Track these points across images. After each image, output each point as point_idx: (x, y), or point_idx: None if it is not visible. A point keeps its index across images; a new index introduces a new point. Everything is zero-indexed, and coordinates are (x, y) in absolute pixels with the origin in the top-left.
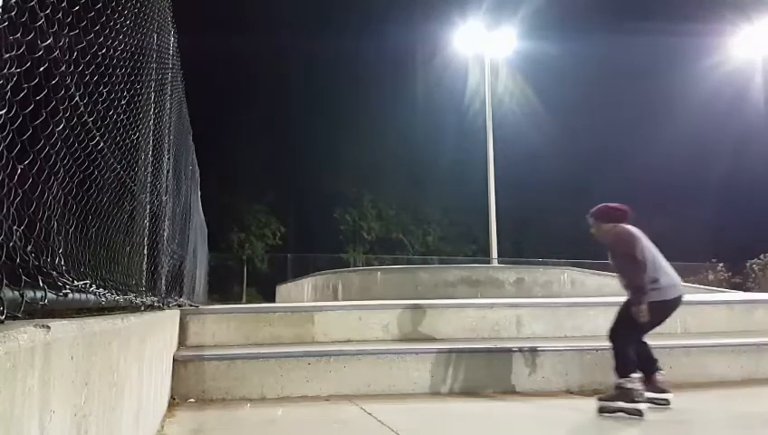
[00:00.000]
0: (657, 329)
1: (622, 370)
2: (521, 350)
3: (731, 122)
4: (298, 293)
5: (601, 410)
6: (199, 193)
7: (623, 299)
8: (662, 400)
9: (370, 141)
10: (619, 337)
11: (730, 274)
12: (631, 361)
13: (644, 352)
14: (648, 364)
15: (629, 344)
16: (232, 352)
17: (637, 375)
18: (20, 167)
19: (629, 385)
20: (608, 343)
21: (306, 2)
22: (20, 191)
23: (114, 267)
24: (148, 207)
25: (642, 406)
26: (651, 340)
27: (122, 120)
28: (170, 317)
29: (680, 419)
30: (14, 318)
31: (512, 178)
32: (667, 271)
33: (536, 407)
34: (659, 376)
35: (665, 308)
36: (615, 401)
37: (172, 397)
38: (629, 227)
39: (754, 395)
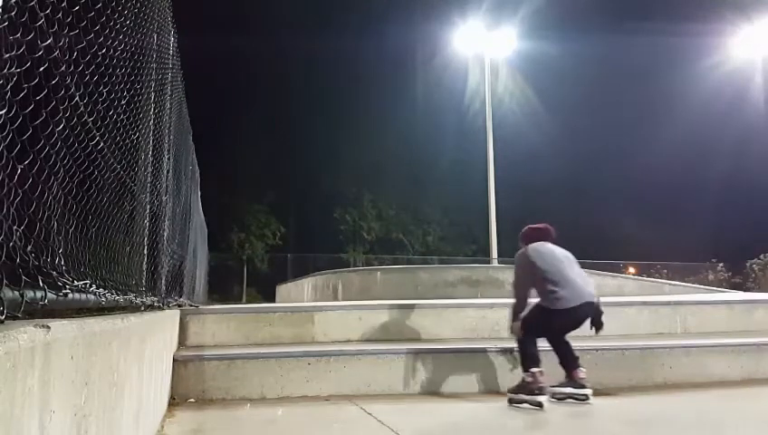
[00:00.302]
0: (660, 329)
1: (525, 365)
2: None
3: (731, 122)
4: (298, 293)
5: (510, 402)
6: (199, 193)
7: (621, 299)
8: (582, 395)
9: (370, 141)
10: (525, 335)
11: (730, 274)
12: (533, 357)
13: (567, 351)
14: (570, 362)
15: (533, 342)
16: (232, 352)
17: (537, 370)
18: (20, 167)
19: (529, 379)
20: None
21: (306, 2)
22: (20, 191)
23: (114, 267)
24: (148, 207)
25: (542, 398)
26: (653, 340)
27: (122, 120)
28: (170, 317)
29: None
30: (14, 318)
31: (512, 179)
32: (570, 282)
33: (536, 407)
34: (580, 373)
35: (570, 314)
36: (518, 393)
37: (172, 397)
38: (532, 247)
39: (754, 395)
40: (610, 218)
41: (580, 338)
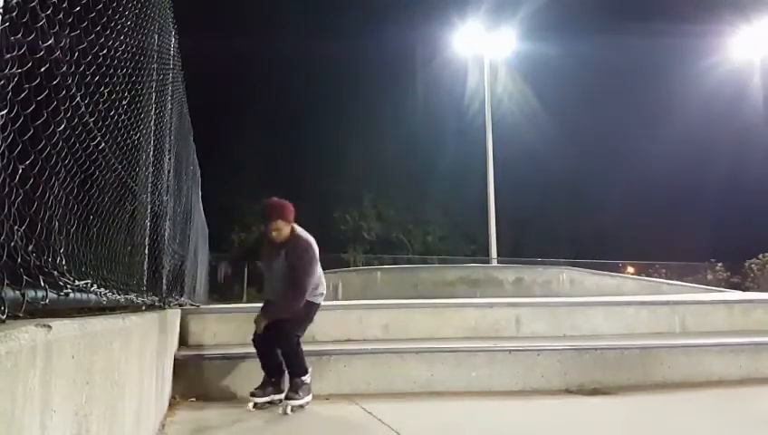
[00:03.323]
0: (659, 329)
1: (304, 367)
2: (520, 349)
3: (730, 122)
4: None
5: (291, 408)
6: (200, 193)
7: (619, 299)
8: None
9: (370, 142)
10: (300, 334)
11: (729, 273)
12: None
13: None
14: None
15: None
16: (232, 352)
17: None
18: (21, 167)
19: (309, 380)
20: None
21: (307, 3)
22: (21, 191)
23: (115, 267)
24: (150, 206)
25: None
26: (652, 340)
27: (123, 120)
28: (171, 317)
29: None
30: (16, 318)
31: (511, 178)
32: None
33: (535, 406)
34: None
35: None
36: (304, 396)
37: (173, 396)
38: (310, 237)
39: (753, 394)
40: (609, 218)
41: (580, 338)
